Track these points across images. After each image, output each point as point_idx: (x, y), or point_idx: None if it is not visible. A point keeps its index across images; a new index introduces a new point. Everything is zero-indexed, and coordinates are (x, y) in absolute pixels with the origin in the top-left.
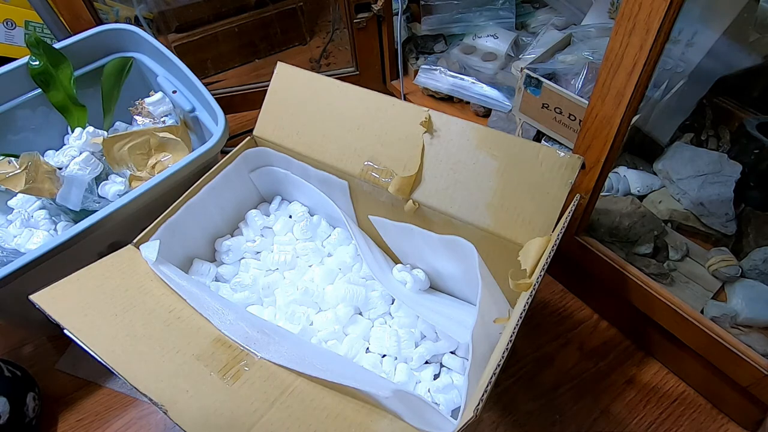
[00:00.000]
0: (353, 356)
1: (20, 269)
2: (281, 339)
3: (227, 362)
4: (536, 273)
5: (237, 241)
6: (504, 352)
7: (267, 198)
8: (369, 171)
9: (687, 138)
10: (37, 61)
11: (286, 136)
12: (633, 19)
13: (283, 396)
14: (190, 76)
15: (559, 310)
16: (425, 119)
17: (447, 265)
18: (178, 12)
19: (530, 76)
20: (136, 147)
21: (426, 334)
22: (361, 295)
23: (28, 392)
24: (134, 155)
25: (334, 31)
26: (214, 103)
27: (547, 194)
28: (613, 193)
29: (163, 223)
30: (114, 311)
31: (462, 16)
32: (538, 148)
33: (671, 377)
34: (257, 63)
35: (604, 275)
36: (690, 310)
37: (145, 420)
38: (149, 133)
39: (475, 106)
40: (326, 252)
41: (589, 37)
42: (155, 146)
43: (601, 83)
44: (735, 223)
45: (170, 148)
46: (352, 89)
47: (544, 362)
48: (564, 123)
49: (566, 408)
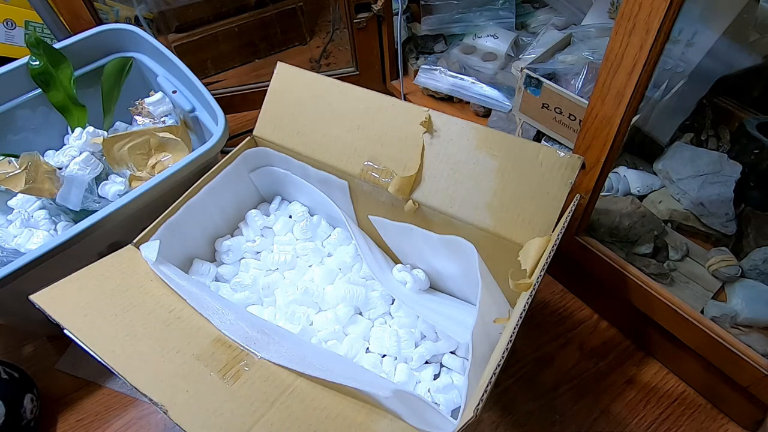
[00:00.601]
0: (353, 356)
1: (20, 269)
2: (281, 339)
3: (227, 362)
4: (536, 273)
5: (237, 241)
6: (504, 351)
7: (267, 198)
8: (369, 171)
9: (687, 138)
10: (37, 61)
11: (286, 136)
12: (633, 19)
13: (283, 396)
14: (190, 76)
15: (559, 310)
16: (425, 119)
17: (447, 265)
18: (178, 12)
19: (530, 76)
20: (136, 147)
21: (426, 334)
22: (361, 295)
23: (26, 394)
24: (134, 155)
25: (334, 31)
26: (214, 103)
27: (547, 194)
28: (613, 193)
29: (163, 223)
30: (114, 311)
31: (462, 16)
32: (538, 148)
33: (671, 377)
34: (257, 63)
35: (604, 275)
36: (690, 310)
37: (145, 420)
38: (149, 133)
39: (475, 106)
40: (326, 252)
41: (589, 37)
42: (155, 146)
43: (601, 83)
44: (735, 223)
45: (170, 148)
46: (352, 89)
47: (544, 362)
48: (564, 123)
49: (566, 408)
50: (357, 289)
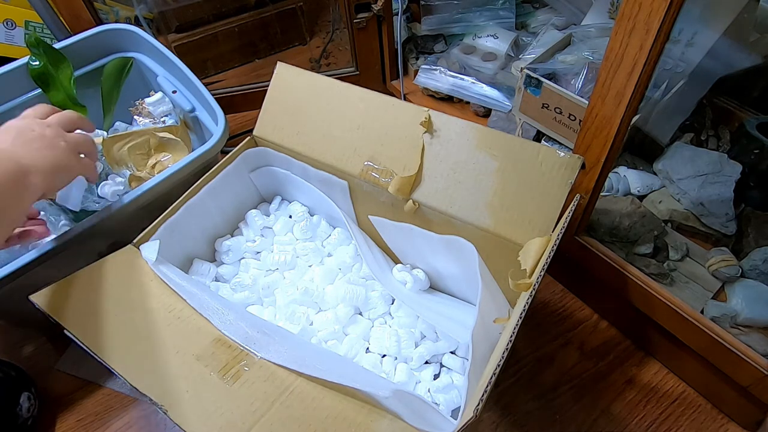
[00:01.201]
0: (353, 356)
1: (20, 269)
2: (281, 339)
3: (227, 362)
4: (536, 273)
5: (237, 241)
6: (504, 351)
7: (267, 198)
8: (369, 171)
9: (687, 138)
10: (37, 61)
11: (286, 136)
12: (633, 19)
13: (283, 396)
14: (190, 76)
15: (559, 310)
16: (425, 119)
17: (447, 265)
18: (178, 12)
19: (530, 76)
20: (135, 147)
21: (426, 334)
22: (361, 295)
23: (23, 392)
24: (134, 155)
25: (334, 31)
26: (214, 103)
27: (547, 194)
28: (613, 193)
29: (163, 223)
30: (114, 311)
31: (462, 16)
32: (538, 148)
33: (671, 377)
34: (257, 63)
35: (604, 275)
36: (690, 310)
37: (145, 420)
38: (149, 133)
39: (475, 106)
40: (326, 252)
41: (589, 37)
42: (155, 146)
43: (601, 83)
44: (735, 223)
45: (170, 148)
46: (352, 89)
47: (544, 362)
48: (564, 123)
49: (566, 408)
50: (357, 289)
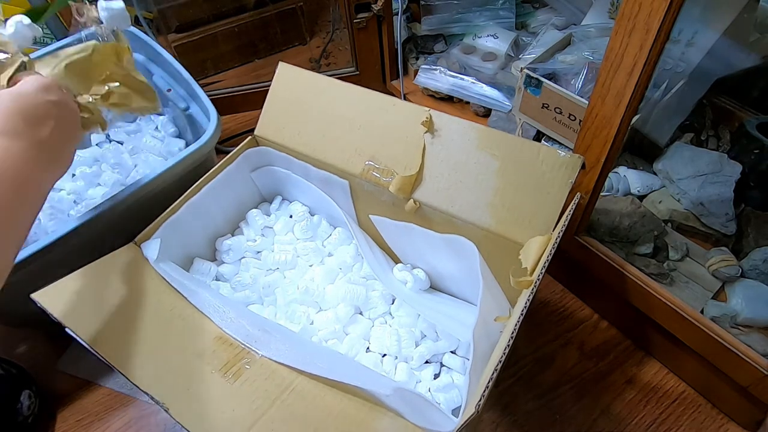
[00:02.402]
0: (354, 356)
1: (19, 264)
2: (282, 337)
3: (228, 360)
4: (537, 271)
5: (238, 240)
6: (505, 349)
7: (268, 198)
8: (370, 171)
9: (687, 138)
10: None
11: (287, 136)
12: (633, 19)
13: (284, 394)
14: (185, 75)
15: (559, 310)
16: (426, 119)
17: (448, 265)
18: (178, 12)
19: (530, 76)
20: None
21: (426, 334)
22: (362, 295)
23: (23, 390)
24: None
25: (334, 31)
26: (207, 100)
27: (548, 194)
28: (613, 193)
29: (164, 222)
30: (115, 309)
31: (462, 16)
32: (538, 148)
33: (671, 377)
34: (257, 63)
35: (604, 275)
36: (690, 310)
37: (145, 420)
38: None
39: (475, 106)
40: (327, 251)
41: (589, 37)
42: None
43: (601, 83)
44: (735, 223)
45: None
46: (352, 89)
47: (544, 362)
48: (564, 123)
49: (566, 408)
50: (357, 288)
